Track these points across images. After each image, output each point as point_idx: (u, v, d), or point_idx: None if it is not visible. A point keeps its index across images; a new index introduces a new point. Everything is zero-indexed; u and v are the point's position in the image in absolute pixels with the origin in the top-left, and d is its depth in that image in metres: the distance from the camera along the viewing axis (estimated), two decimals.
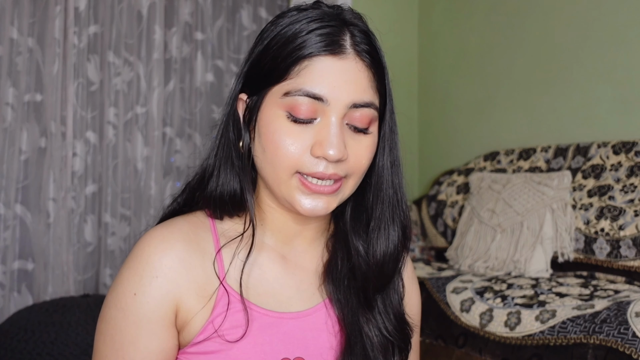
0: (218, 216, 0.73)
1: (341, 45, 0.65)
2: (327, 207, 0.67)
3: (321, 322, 0.73)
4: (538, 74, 2.56)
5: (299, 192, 0.66)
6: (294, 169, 0.65)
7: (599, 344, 1.44)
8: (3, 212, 2.14)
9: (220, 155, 0.72)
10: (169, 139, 2.60)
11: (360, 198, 0.75)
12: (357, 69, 0.66)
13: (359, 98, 0.66)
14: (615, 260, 1.91)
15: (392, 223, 0.74)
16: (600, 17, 2.32)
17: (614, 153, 2.10)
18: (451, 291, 1.92)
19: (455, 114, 2.99)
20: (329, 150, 0.63)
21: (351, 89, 0.65)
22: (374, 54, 0.68)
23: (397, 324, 0.75)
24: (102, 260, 2.37)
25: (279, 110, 0.65)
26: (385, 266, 0.74)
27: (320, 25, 0.66)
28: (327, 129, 0.64)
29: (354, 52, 0.66)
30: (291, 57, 0.65)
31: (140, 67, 2.48)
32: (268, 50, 0.67)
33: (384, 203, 0.73)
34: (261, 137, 0.67)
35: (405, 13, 3.20)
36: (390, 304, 0.75)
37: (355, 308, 0.72)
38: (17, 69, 2.18)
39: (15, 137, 2.16)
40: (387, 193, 0.73)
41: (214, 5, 2.73)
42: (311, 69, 0.64)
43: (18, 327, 1.77)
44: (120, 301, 0.66)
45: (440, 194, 2.69)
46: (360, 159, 0.67)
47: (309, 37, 0.65)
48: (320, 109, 0.65)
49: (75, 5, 2.30)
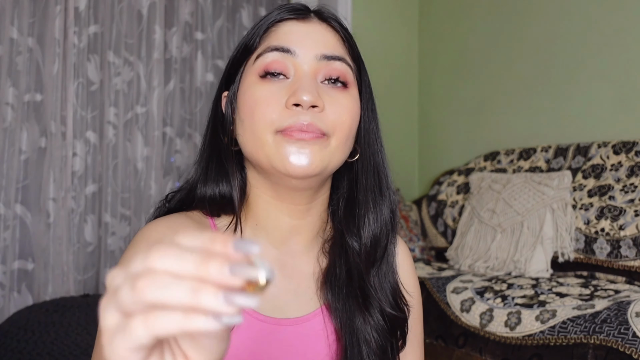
0: (215, 214, 0.72)
1: (305, 13, 0.69)
2: (312, 158, 0.63)
3: (319, 328, 0.71)
4: (538, 74, 2.56)
5: (284, 145, 0.63)
6: (273, 127, 0.64)
7: (599, 344, 1.44)
8: (3, 212, 2.14)
9: (210, 157, 0.72)
10: (169, 139, 2.60)
11: (352, 192, 0.74)
12: (322, 28, 0.68)
13: (329, 50, 0.67)
14: (616, 260, 1.91)
15: (379, 195, 0.73)
16: (600, 17, 2.32)
17: (614, 153, 2.10)
18: (451, 291, 1.92)
19: (455, 114, 2.99)
20: (302, 95, 0.62)
21: (318, 43, 0.67)
22: (340, 23, 0.70)
23: (393, 300, 0.73)
24: (102, 260, 2.37)
25: (253, 78, 0.67)
26: (379, 242, 0.73)
27: (287, 5, 0.70)
28: (299, 78, 0.65)
29: (319, 19, 0.69)
30: (258, 32, 0.68)
31: (140, 67, 2.48)
32: (242, 40, 0.71)
33: (368, 173, 0.72)
34: (239, 110, 0.68)
35: (405, 13, 3.20)
36: (386, 281, 0.73)
37: (353, 314, 0.70)
38: (17, 69, 2.18)
39: (15, 137, 2.16)
40: (370, 163, 0.73)
41: (214, 5, 2.73)
42: (277, 31, 0.67)
43: (18, 327, 1.76)
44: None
45: (440, 194, 2.69)
46: (339, 116, 0.66)
47: (275, 11, 0.69)
48: (290, 62, 0.65)
49: (75, 5, 2.30)
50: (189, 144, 2.65)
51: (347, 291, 0.71)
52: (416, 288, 0.82)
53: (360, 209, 0.73)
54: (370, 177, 0.73)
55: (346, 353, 0.68)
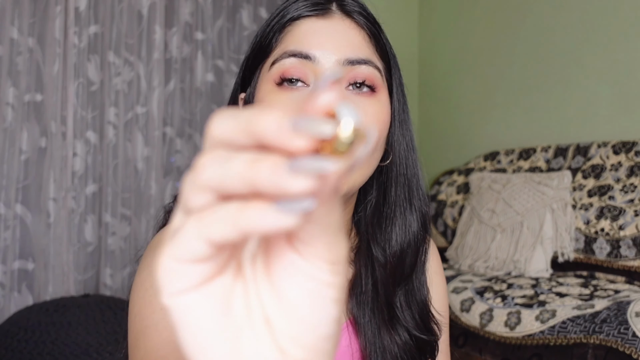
0: None
1: (326, 7, 0.61)
2: None
3: (344, 345, 0.66)
4: (538, 74, 2.56)
5: None
6: None
7: (599, 343, 1.44)
8: (3, 212, 2.14)
9: None
10: (169, 139, 2.60)
11: (381, 197, 0.67)
12: (345, 26, 0.60)
13: (353, 54, 0.59)
14: (615, 260, 1.91)
15: (409, 208, 0.66)
16: (600, 17, 2.32)
17: (614, 153, 2.10)
18: (451, 291, 1.92)
19: (455, 114, 2.99)
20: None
21: (342, 45, 0.59)
22: (365, 16, 0.62)
23: (422, 323, 0.67)
24: (102, 260, 2.37)
25: (269, 85, 0.60)
26: (405, 258, 0.66)
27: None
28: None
29: (341, 12, 0.61)
30: (274, 29, 0.61)
31: (141, 67, 2.48)
32: (257, 37, 0.64)
33: (397, 184, 0.66)
34: None
35: (405, 13, 3.20)
36: (414, 301, 0.67)
37: (379, 331, 0.65)
38: (17, 69, 2.18)
39: (16, 137, 2.16)
40: (405, 174, 0.66)
41: (214, 5, 2.73)
42: (294, 32, 0.60)
43: (18, 327, 1.77)
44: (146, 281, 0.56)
45: (440, 194, 2.69)
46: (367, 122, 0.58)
47: (291, 5, 0.61)
48: (311, 69, 0.58)
49: (76, 5, 2.30)
50: (189, 144, 2.65)
51: (373, 306, 0.66)
52: (444, 294, 0.78)
53: (388, 222, 0.66)
54: (400, 189, 0.66)
55: None
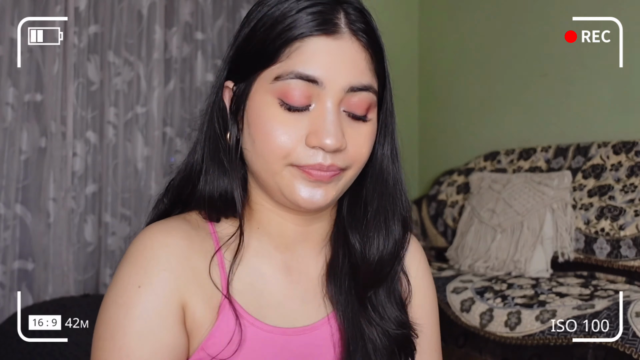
0: (214, 218, 0.66)
1: (335, 24, 0.60)
2: (325, 196, 0.61)
3: (327, 336, 0.67)
4: (538, 74, 2.56)
5: (299, 180, 0.60)
6: (288, 161, 0.59)
7: (599, 344, 1.44)
8: (3, 212, 2.14)
9: (207, 150, 0.66)
10: (169, 139, 2.60)
11: (358, 188, 0.69)
12: (353, 49, 0.60)
13: (357, 81, 0.60)
14: (616, 260, 1.91)
15: (392, 217, 0.68)
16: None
17: (614, 153, 2.10)
18: (451, 291, 1.92)
19: (455, 114, 2.99)
20: (326, 139, 0.58)
21: (348, 70, 0.59)
22: (370, 34, 0.63)
23: (397, 327, 0.69)
24: (102, 260, 2.37)
25: (270, 97, 0.60)
26: (384, 264, 0.68)
27: (311, 3, 0.60)
28: (323, 116, 0.59)
29: (350, 31, 0.60)
30: (281, 38, 0.59)
31: (141, 67, 2.48)
32: (255, 32, 0.61)
33: (382, 195, 0.68)
34: (250, 127, 0.61)
35: (405, 13, 3.20)
36: (391, 306, 0.69)
37: (357, 310, 0.67)
38: (17, 69, 2.18)
39: (15, 137, 2.16)
40: (386, 184, 0.68)
41: (214, 5, 2.73)
42: (303, 50, 0.59)
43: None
44: (121, 297, 0.59)
45: (440, 194, 2.69)
46: (359, 148, 0.62)
47: (299, 17, 0.59)
48: (315, 93, 0.59)
49: (75, 5, 2.30)
50: (189, 144, 2.64)
51: (350, 285, 0.68)
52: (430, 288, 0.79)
53: (369, 229, 0.68)
54: (384, 199, 0.68)
55: (349, 346, 0.65)
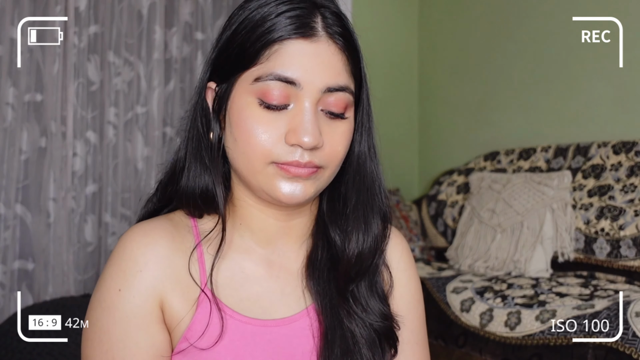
0: (196, 214, 0.70)
1: (312, 27, 0.63)
2: (305, 192, 0.64)
3: (306, 327, 0.69)
4: (538, 74, 2.56)
5: (279, 178, 0.63)
6: (269, 159, 0.63)
7: (599, 344, 1.44)
8: (3, 212, 2.14)
9: (190, 148, 0.69)
10: (169, 139, 2.60)
11: (338, 185, 0.72)
12: (330, 52, 0.63)
13: (334, 81, 0.63)
14: (616, 260, 1.91)
15: (370, 212, 0.71)
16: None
17: (614, 153, 2.10)
18: (451, 291, 1.92)
19: (455, 114, 2.99)
20: (304, 137, 0.61)
21: (325, 72, 0.63)
22: (347, 37, 0.66)
23: (380, 319, 0.71)
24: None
25: (250, 97, 0.63)
26: (364, 258, 0.70)
27: (289, 8, 0.63)
28: (300, 115, 0.62)
29: (326, 34, 0.64)
30: (260, 41, 0.62)
31: (141, 67, 2.48)
32: (236, 35, 0.65)
33: (360, 191, 0.70)
34: (232, 126, 0.65)
35: (405, 13, 3.20)
36: (374, 298, 0.71)
37: (335, 301, 0.69)
38: (17, 69, 2.18)
39: (16, 137, 2.16)
40: (364, 180, 0.71)
41: (214, 5, 2.73)
42: (282, 52, 0.62)
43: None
44: (105, 300, 0.64)
45: (440, 194, 2.69)
46: (335, 147, 0.65)
47: (279, 20, 0.62)
48: (294, 94, 0.62)
49: (76, 5, 2.30)
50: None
51: (329, 276, 0.70)
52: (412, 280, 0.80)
53: (349, 224, 0.71)
54: (362, 195, 0.71)
55: (327, 335, 0.67)
